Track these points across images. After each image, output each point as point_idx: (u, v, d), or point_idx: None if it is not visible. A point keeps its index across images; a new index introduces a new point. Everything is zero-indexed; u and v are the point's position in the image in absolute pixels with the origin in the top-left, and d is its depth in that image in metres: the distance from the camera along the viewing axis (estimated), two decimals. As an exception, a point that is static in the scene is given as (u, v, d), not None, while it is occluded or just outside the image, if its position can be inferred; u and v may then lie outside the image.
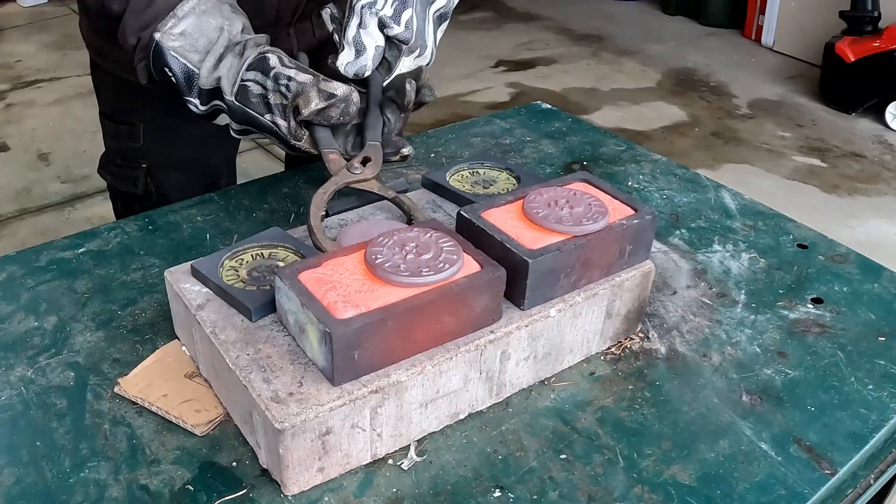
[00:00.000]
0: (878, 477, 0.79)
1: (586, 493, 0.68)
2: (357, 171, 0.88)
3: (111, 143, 1.26)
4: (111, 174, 1.26)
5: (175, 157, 1.22)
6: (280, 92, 0.87)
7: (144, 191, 1.22)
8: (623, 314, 0.81)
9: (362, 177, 0.88)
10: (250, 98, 0.88)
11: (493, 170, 0.97)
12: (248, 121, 0.89)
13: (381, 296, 0.67)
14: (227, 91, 0.89)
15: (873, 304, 0.91)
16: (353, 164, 0.88)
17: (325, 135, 0.89)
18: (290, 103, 0.86)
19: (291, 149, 0.91)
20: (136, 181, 1.22)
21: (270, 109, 0.87)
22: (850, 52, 3.32)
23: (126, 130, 1.21)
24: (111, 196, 1.31)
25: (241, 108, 0.89)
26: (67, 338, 0.82)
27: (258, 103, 0.88)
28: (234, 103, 0.89)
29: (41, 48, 4.04)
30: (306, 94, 0.85)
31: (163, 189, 1.22)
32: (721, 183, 1.14)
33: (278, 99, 0.87)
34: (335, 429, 0.65)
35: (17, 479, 0.67)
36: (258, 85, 0.88)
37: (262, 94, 0.87)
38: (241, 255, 0.79)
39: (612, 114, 3.47)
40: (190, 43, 0.89)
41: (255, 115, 0.88)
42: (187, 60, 0.89)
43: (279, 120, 0.87)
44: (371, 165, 0.89)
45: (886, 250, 2.54)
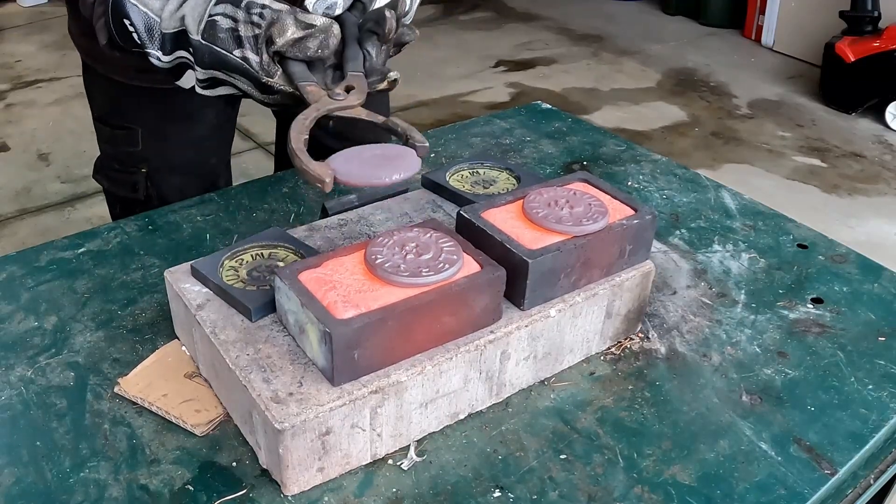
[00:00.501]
0: (878, 477, 0.79)
1: (586, 493, 0.68)
2: (340, 98, 0.79)
3: (107, 147, 1.23)
4: (108, 179, 1.23)
5: (174, 161, 1.20)
6: (252, 22, 0.79)
7: (145, 195, 1.20)
8: (623, 314, 0.81)
9: (346, 103, 0.79)
10: (218, 33, 0.79)
11: (493, 170, 0.97)
12: (216, 61, 0.81)
13: (381, 296, 0.67)
14: (193, 30, 0.80)
15: (873, 304, 0.91)
16: (335, 91, 0.79)
17: (300, 69, 0.81)
18: (263, 33, 0.79)
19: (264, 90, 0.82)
20: (135, 186, 1.20)
21: (241, 44, 0.79)
22: (850, 52, 3.32)
23: (123, 135, 1.18)
24: (108, 201, 1.28)
25: (207, 48, 0.80)
26: (67, 338, 0.82)
27: (227, 38, 0.79)
28: (200, 43, 0.80)
29: (41, 48, 4.04)
30: (282, 23, 0.78)
31: (163, 193, 1.20)
32: (721, 183, 1.14)
33: (250, 31, 0.79)
34: (335, 429, 0.65)
35: (17, 479, 0.67)
36: (228, 18, 0.79)
37: (231, 28, 0.79)
38: (241, 255, 0.79)
39: (612, 114, 3.47)
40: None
41: (223, 51, 0.79)
42: (147, 8, 0.82)
43: (250, 54, 0.79)
44: (355, 93, 0.80)
45: (886, 250, 2.54)
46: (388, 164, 0.69)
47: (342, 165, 0.71)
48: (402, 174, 0.68)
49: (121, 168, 1.21)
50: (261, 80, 0.80)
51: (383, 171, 0.68)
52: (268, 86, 0.81)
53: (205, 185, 1.22)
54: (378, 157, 0.71)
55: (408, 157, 0.73)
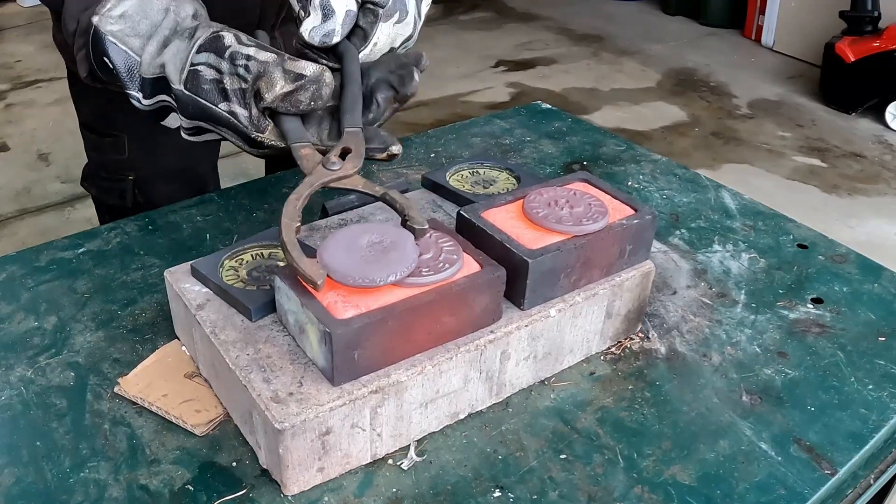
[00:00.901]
0: (878, 477, 0.79)
1: (586, 493, 0.68)
2: (335, 167, 0.72)
3: (94, 155, 1.21)
4: (96, 187, 1.22)
5: (162, 168, 1.18)
6: (238, 75, 0.72)
7: (133, 203, 1.18)
8: (623, 314, 0.81)
9: (342, 173, 0.73)
10: (202, 84, 0.73)
11: (493, 170, 0.97)
12: (201, 113, 0.74)
13: (381, 296, 0.67)
14: (175, 79, 0.74)
15: (873, 304, 0.91)
16: (330, 159, 0.73)
17: (293, 125, 0.74)
18: (250, 87, 0.72)
19: (254, 145, 0.76)
20: (123, 194, 1.18)
21: (227, 97, 0.73)
22: (850, 52, 3.33)
23: (110, 143, 1.17)
24: (97, 209, 1.26)
25: (191, 99, 0.74)
26: (67, 338, 0.82)
27: (211, 90, 0.73)
28: (182, 93, 0.74)
29: (41, 48, 4.04)
30: (269, 76, 0.71)
31: (151, 200, 1.18)
32: (721, 183, 1.14)
33: (236, 83, 0.72)
34: (335, 429, 0.65)
35: (17, 479, 0.67)
36: (211, 69, 0.73)
37: (216, 79, 0.73)
38: (241, 255, 0.79)
39: (612, 114, 3.47)
40: (130, 26, 0.76)
41: (208, 104, 0.73)
42: (127, 47, 0.76)
43: (237, 108, 0.73)
44: (352, 158, 0.73)
45: (886, 250, 2.54)
46: (384, 257, 0.67)
47: (334, 261, 0.66)
48: (397, 275, 0.66)
49: (108, 176, 1.19)
50: (248, 136, 0.74)
51: (378, 273, 0.66)
52: (254, 141, 0.75)
53: (193, 191, 1.19)
54: (375, 247, 0.68)
55: (406, 247, 0.68)
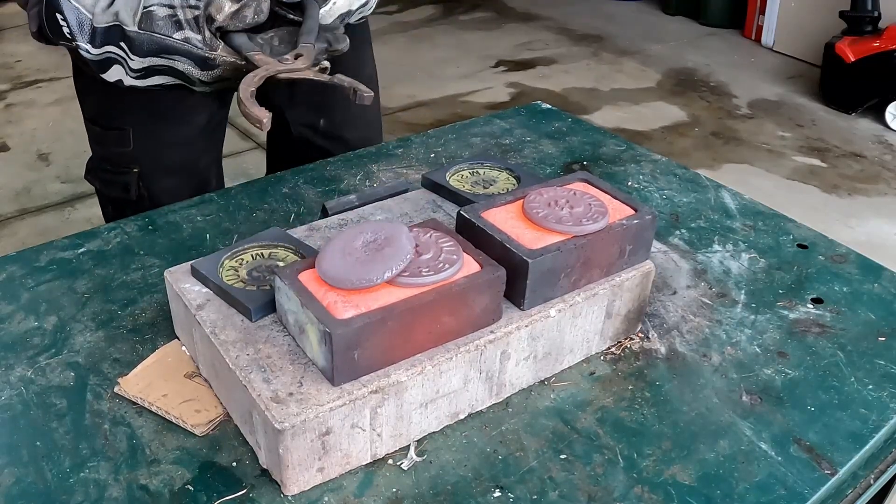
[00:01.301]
0: (878, 477, 0.79)
1: (586, 493, 0.68)
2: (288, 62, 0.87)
3: (98, 149, 1.23)
4: (100, 180, 1.23)
5: (166, 161, 1.20)
6: (189, 6, 0.87)
7: (137, 196, 1.20)
8: (623, 314, 0.81)
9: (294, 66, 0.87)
10: (156, 21, 0.86)
11: (493, 170, 0.97)
12: (156, 47, 0.87)
13: (381, 296, 0.67)
14: (129, 22, 0.87)
15: (873, 304, 0.91)
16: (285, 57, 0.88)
17: (243, 40, 0.89)
18: (202, 14, 0.86)
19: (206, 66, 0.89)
20: (127, 187, 1.20)
21: (181, 26, 0.87)
22: (850, 52, 3.32)
23: (114, 136, 1.18)
24: (101, 202, 1.28)
25: (147, 36, 0.87)
26: (67, 338, 0.82)
27: (165, 24, 0.87)
28: (138, 33, 0.87)
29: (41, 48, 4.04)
30: (217, 1, 0.86)
31: (154, 193, 1.20)
32: (721, 183, 1.14)
33: (189, 14, 0.87)
34: (335, 429, 0.65)
35: (17, 479, 0.67)
36: (164, 7, 0.86)
37: (169, 15, 0.87)
38: (241, 255, 0.79)
39: (612, 114, 3.47)
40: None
41: (164, 37, 0.87)
42: (80, 4, 0.88)
43: (191, 34, 0.87)
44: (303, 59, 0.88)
45: (886, 250, 2.54)
46: (379, 255, 0.68)
47: (332, 267, 0.67)
48: (393, 270, 0.67)
49: (112, 169, 1.21)
50: (204, 56, 0.88)
51: (374, 271, 0.67)
52: (210, 60, 0.88)
53: (196, 185, 1.22)
54: (370, 246, 0.69)
55: (400, 241, 0.69)
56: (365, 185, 1.09)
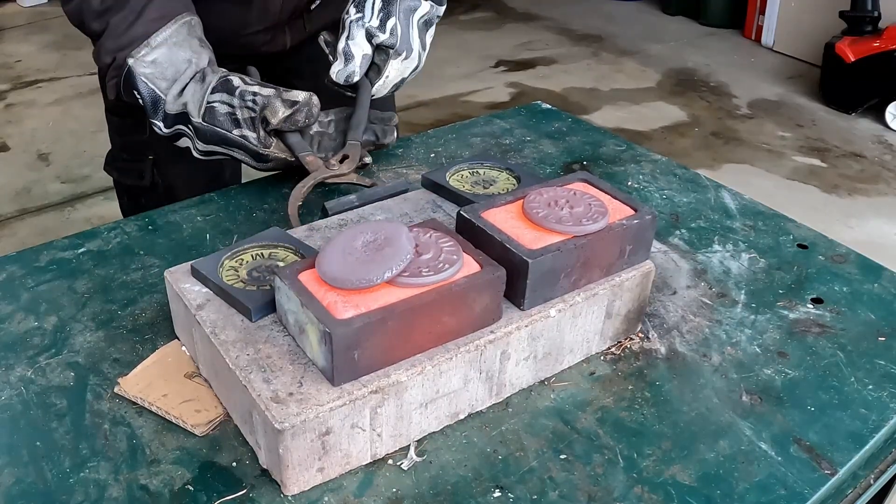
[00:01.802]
0: (878, 477, 0.79)
1: (586, 493, 0.68)
2: (334, 168, 0.96)
3: (116, 138, 1.28)
4: (117, 170, 1.29)
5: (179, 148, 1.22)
6: (247, 107, 0.95)
7: (151, 183, 1.25)
8: (623, 314, 0.81)
9: (339, 172, 0.96)
10: (217, 117, 0.95)
11: (493, 170, 0.97)
12: (217, 138, 0.96)
13: (381, 296, 0.67)
14: (195, 114, 0.96)
15: (873, 304, 0.91)
16: (331, 162, 0.97)
17: (296, 140, 0.98)
18: (258, 115, 0.94)
19: (260, 159, 0.97)
20: (142, 174, 1.25)
21: (239, 124, 0.95)
22: (850, 52, 3.33)
23: (131, 124, 1.22)
24: (117, 192, 1.33)
25: (209, 128, 0.96)
26: (67, 338, 0.82)
27: (226, 120, 0.95)
28: (202, 124, 0.96)
29: (41, 48, 4.04)
30: (272, 105, 0.94)
31: (169, 180, 1.24)
32: (721, 183, 1.14)
33: (246, 114, 0.95)
34: (335, 429, 0.65)
35: (17, 479, 0.67)
36: (225, 105, 0.95)
37: (229, 112, 0.95)
38: (241, 255, 0.79)
39: (612, 114, 3.47)
40: (160, 71, 0.96)
41: (224, 131, 0.95)
42: (155, 87, 0.96)
43: (248, 132, 0.95)
44: (348, 162, 0.97)
45: (886, 250, 2.54)
46: (378, 255, 0.68)
47: (332, 268, 0.67)
48: (392, 270, 0.67)
49: (129, 157, 1.26)
50: (259, 153, 0.97)
51: (374, 272, 0.67)
52: (264, 156, 0.97)
53: (210, 173, 1.25)
54: (369, 246, 0.69)
55: (400, 240, 0.69)
56: (365, 184, 1.09)
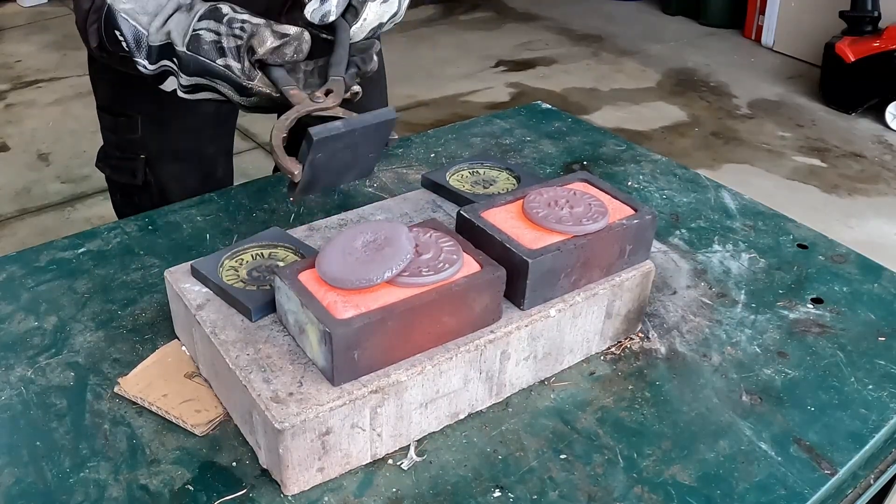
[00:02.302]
0: (878, 477, 0.79)
1: (586, 493, 0.68)
2: (319, 101, 0.89)
3: (109, 136, 1.28)
4: (110, 167, 1.28)
5: (172, 148, 1.23)
6: (234, 35, 0.89)
7: (143, 182, 1.24)
8: (623, 314, 0.81)
9: (324, 105, 0.89)
10: (202, 45, 0.90)
11: (493, 170, 0.97)
12: (200, 69, 0.91)
13: (381, 296, 0.67)
14: (179, 42, 0.91)
15: (873, 304, 0.91)
16: (316, 95, 0.90)
17: (281, 73, 0.92)
18: (244, 44, 0.89)
19: (243, 92, 0.92)
20: (134, 172, 1.24)
21: (224, 53, 0.89)
22: (850, 52, 3.32)
23: (124, 122, 1.22)
24: (110, 189, 1.32)
25: (192, 58, 0.90)
26: (67, 338, 0.82)
27: (210, 49, 0.90)
28: (185, 54, 0.91)
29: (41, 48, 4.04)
30: (260, 34, 0.89)
31: (161, 180, 1.24)
32: (721, 183, 1.14)
33: (232, 42, 0.89)
34: (335, 429, 0.65)
35: (17, 479, 0.67)
36: (211, 32, 0.90)
37: (214, 41, 0.90)
38: (241, 255, 0.79)
39: (612, 114, 3.47)
40: (140, 6, 0.92)
41: (207, 60, 0.90)
42: (137, 23, 0.92)
43: (232, 62, 0.89)
44: (333, 96, 0.91)
45: (886, 250, 2.54)
46: (378, 255, 0.68)
47: (332, 267, 0.68)
48: (392, 270, 0.67)
49: (121, 155, 1.25)
50: (242, 84, 0.90)
51: (374, 271, 0.67)
52: (247, 89, 0.91)
53: (202, 173, 1.25)
54: (369, 246, 0.69)
55: (400, 241, 0.70)
56: (365, 184, 1.09)
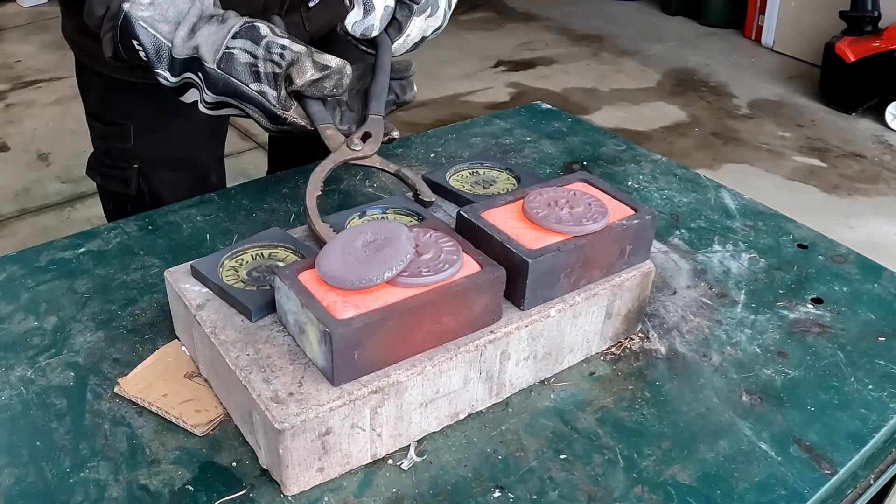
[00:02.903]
0: (878, 477, 0.79)
1: (586, 493, 0.68)
2: (357, 148, 0.85)
3: (99, 143, 1.24)
4: (101, 175, 1.25)
5: (165, 156, 1.21)
6: (272, 61, 0.84)
7: (137, 191, 1.21)
8: (623, 314, 0.81)
9: (362, 153, 0.86)
10: (236, 66, 0.84)
11: (493, 170, 0.97)
12: (230, 90, 0.85)
13: (381, 296, 0.67)
14: (209, 59, 0.84)
15: (873, 304, 0.91)
16: (353, 140, 0.86)
17: (317, 108, 0.87)
18: (283, 72, 0.83)
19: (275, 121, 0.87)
20: (127, 182, 1.21)
21: (259, 78, 0.84)
22: (850, 52, 3.32)
23: (115, 131, 1.19)
24: (101, 197, 1.29)
25: (223, 77, 0.84)
26: (67, 338, 0.82)
27: (244, 71, 0.84)
28: (215, 72, 0.84)
29: (41, 48, 4.04)
30: (301, 64, 0.83)
31: (155, 188, 1.21)
32: (721, 183, 1.14)
33: (269, 68, 0.84)
34: (335, 429, 0.65)
35: (17, 479, 0.67)
36: (247, 53, 0.84)
37: (250, 63, 0.84)
38: (241, 255, 0.79)
39: (612, 114, 3.47)
40: (160, 13, 0.85)
41: (240, 83, 0.84)
42: (157, 31, 0.85)
43: (268, 89, 0.84)
44: (371, 141, 0.86)
45: (886, 250, 2.54)
46: (378, 255, 0.68)
47: (332, 267, 0.68)
48: (393, 270, 0.67)
49: (113, 164, 1.22)
50: (275, 113, 0.85)
51: (374, 272, 0.67)
52: (280, 118, 0.85)
53: (196, 180, 1.23)
54: (369, 246, 0.69)
55: (400, 241, 0.69)
56: (365, 184, 1.09)
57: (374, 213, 0.86)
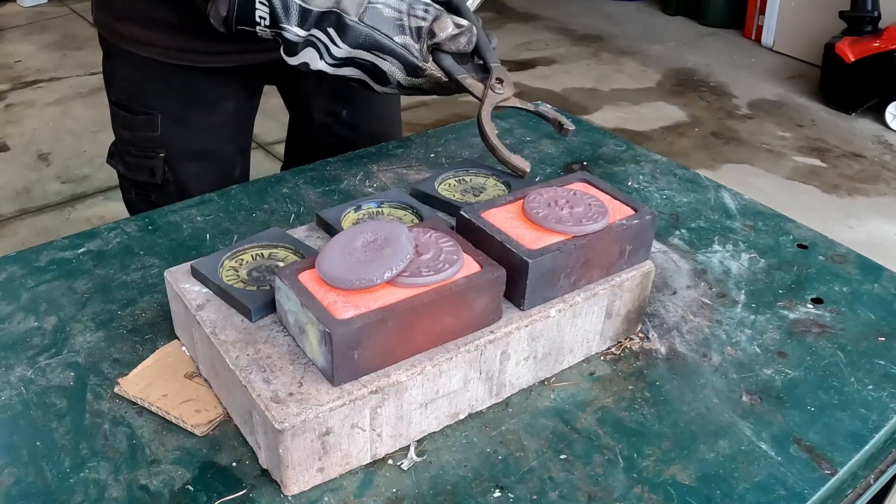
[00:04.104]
0: (878, 477, 0.79)
1: (586, 493, 0.68)
2: (500, 91, 0.95)
3: (124, 133, 1.24)
4: (124, 164, 1.24)
5: (191, 147, 1.21)
6: (417, 16, 0.91)
7: (163, 180, 1.21)
8: (623, 314, 0.81)
9: (505, 95, 0.95)
10: (381, 19, 0.89)
11: (479, 176, 0.97)
12: (371, 42, 0.90)
13: (381, 296, 0.67)
14: (352, 12, 0.89)
15: (873, 304, 0.91)
16: (495, 86, 0.95)
17: (450, 62, 0.94)
18: (427, 26, 0.90)
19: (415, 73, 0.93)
20: (153, 171, 1.21)
21: (403, 31, 0.90)
22: (850, 52, 3.33)
23: (142, 120, 1.19)
24: (122, 187, 1.29)
25: (366, 30, 0.89)
26: (67, 338, 0.82)
27: (389, 25, 0.90)
28: (357, 24, 0.89)
29: (41, 48, 4.04)
30: (443, 20, 0.91)
31: (180, 178, 1.21)
32: (721, 183, 1.14)
33: (414, 22, 0.90)
34: (335, 429, 0.65)
35: (17, 479, 0.67)
36: (390, 8, 0.90)
37: (395, 17, 0.90)
38: (241, 255, 0.79)
39: (612, 114, 3.47)
40: None
41: (384, 36, 0.89)
42: None
43: (411, 42, 0.90)
44: (507, 84, 0.96)
45: (886, 250, 2.54)
46: (378, 255, 0.68)
47: (331, 267, 0.68)
48: (393, 270, 0.67)
49: (138, 153, 1.22)
50: (417, 65, 0.92)
51: (374, 272, 0.67)
52: (421, 70, 0.93)
53: (221, 172, 1.24)
54: (369, 246, 0.69)
55: (400, 241, 0.69)
56: (365, 185, 1.09)
57: (369, 206, 0.87)
